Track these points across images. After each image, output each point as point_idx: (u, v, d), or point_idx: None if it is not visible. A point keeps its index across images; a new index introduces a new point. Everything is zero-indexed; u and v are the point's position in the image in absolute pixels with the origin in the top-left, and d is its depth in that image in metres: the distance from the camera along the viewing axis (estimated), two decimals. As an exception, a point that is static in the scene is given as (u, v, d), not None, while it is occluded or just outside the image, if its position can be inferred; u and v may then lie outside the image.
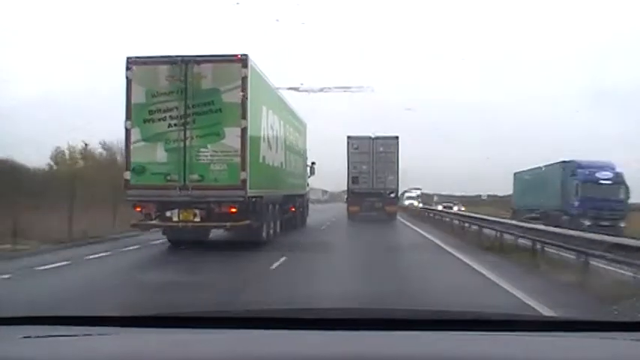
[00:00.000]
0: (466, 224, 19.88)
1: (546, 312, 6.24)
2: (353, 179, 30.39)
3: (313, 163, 26.18)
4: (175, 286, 8.53)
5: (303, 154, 23.88)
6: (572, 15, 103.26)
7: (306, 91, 22.88)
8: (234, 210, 13.05)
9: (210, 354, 1.81)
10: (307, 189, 25.94)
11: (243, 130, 12.92)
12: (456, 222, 21.60)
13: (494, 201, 55.49)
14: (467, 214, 23.62)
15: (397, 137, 30.82)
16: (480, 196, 67.37)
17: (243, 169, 12.88)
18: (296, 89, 21.71)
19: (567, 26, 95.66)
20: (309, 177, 25.96)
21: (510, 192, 36.91)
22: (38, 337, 1.91)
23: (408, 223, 28.79)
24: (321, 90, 24.20)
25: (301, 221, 23.35)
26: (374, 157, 30.21)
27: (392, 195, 30.32)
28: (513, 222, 16.99)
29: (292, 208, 20.77)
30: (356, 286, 8.80)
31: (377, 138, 30.59)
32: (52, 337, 1.92)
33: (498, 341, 1.97)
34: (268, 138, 15.58)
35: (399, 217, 32.05)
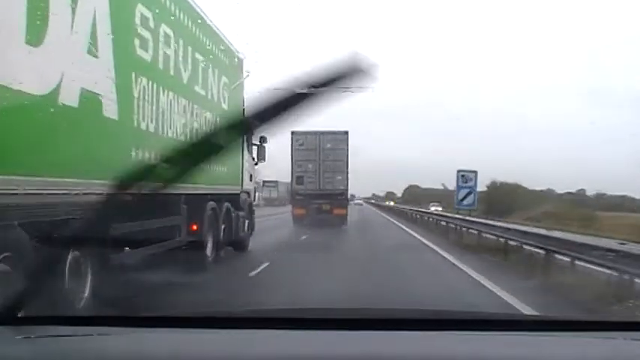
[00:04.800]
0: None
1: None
2: (297, 179, 27.24)
3: (263, 140, 14.19)
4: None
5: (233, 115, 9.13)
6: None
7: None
8: None
9: (212, 354, 1.81)
10: (250, 184, 14.36)
11: None
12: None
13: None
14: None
15: (347, 132, 27.92)
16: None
17: None
18: None
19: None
20: (255, 163, 14.74)
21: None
22: (38, 337, 1.86)
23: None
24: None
25: (239, 245, 12.87)
26: (321, 154, 27.21)
27: (341, 196, 27.61)
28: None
29: (193, 226, 9.81)
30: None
31: (324, 133, 27.14)
32: (52, 337, 1.88)
33: (498, 341, 1.97)
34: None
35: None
